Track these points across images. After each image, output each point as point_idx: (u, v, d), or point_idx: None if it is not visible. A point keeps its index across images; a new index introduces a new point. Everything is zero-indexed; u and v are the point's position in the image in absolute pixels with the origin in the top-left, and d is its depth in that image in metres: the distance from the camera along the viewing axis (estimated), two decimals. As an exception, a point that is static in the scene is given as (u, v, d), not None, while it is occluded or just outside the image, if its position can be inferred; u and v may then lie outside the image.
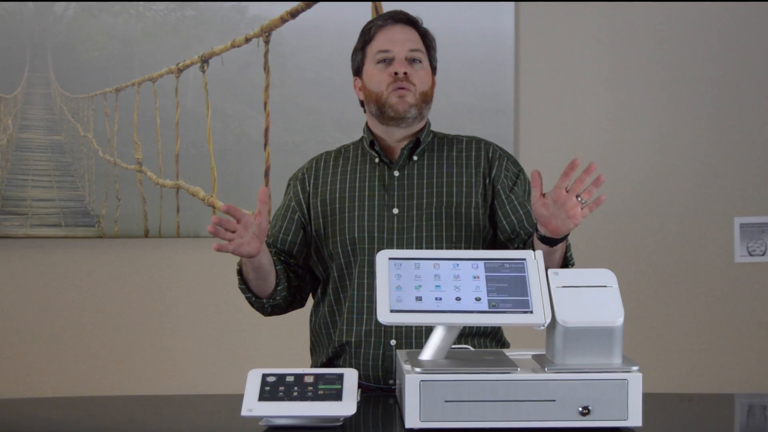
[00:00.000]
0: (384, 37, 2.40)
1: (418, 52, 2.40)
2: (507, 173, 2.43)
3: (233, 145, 3.75)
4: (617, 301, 1.86)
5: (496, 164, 2.43)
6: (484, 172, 2.42)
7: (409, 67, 2.38)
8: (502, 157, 2.46)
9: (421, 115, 2.41)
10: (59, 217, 3.76)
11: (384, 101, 2.38)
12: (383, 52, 2.39)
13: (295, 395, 1.86)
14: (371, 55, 2.41)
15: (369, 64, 2.41)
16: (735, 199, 3.79)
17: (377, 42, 2.40)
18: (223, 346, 3.78)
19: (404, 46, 2.38)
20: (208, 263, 3.78)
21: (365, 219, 2.37)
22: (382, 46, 2.39)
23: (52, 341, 3.79)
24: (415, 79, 2.38)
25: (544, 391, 1.81)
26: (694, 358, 3.79)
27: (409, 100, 2.37)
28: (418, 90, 2.38)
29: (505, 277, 1.88)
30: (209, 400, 2.42)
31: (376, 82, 2.39)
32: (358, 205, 2.39)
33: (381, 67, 2.39)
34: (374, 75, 2.40)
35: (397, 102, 2.37)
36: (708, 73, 3.79)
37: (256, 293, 2.38)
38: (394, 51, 2.38)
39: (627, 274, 3.32)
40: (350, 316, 2.35)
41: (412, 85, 2.37)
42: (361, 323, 2.33)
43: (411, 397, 1.80)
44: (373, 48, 2.41)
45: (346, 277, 2.37)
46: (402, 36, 2.40)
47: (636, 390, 1.81)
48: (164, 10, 3.74)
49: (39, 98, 3.77)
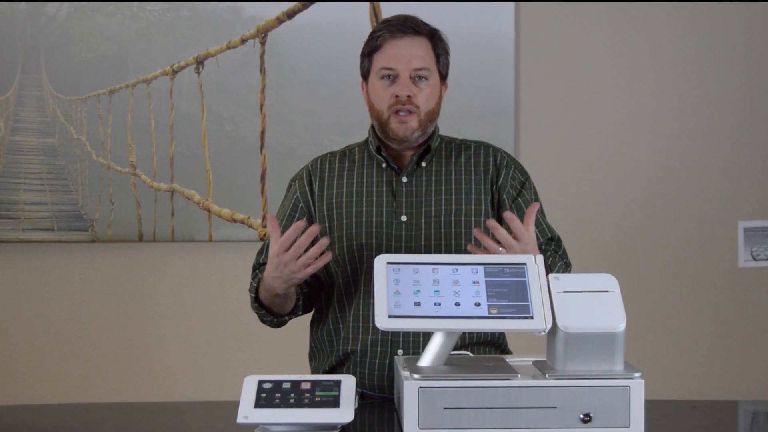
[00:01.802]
0: (390, 51, 2.34)
1: (424, 70, 2.35)
2: (513, 182, 2.42)
3: (229, 148, 3.75)
4: (619, 307, 1.86)
5: (503, 172, 2.42)
6: (492, 180, 2.41)
7: (413, 87, 2.33)
8: (509, 165, 2.44)
9: (426, 133, 2.39)
10: (52, 221, 3.76)
11: (385, 122, 2.36)
12: (387, 69, 2.34)
13: (291, 402, 1.86)
14: (376, 69, 2.37)
15: (374, 76, 2.38)
16: (739, 202, 3.80)
17: (382, 55, 2.35)
18: (218, 352, 3.78)
19: (409, 64, 2.33)
20: (203, 268, 3.78)
21: (373, 225, 2.35)
22: (387, 63, 2.34)
23: (45, 347, 3.79)
24: (420, 99, 2.34)
25: (545, 398, 1.81)
26: (698, 365, 3.79)
27: (411, 125, 2.34)
28: (422, 111, 2.35)
29: (505, 282, 1.88)
30: (204, 407, 2.42)
31: (379, 99, 2.36)
32: (365, 211, 2.37)
33: (384, 84, 2.35)
34: (377, 91, 2.37)
35: (398, 127, 2.34)
36: (712, 75, 3.79)
37: (275, 312, 2.35)
38: (399, 69, 2.33)
39: (629, 278, 3.32)
40: (355, 324, 2.34)
41: (415, 107, 2.34)
42: (367, 332, 2.32)
43: (410, 404, 1.80)
44: (378, 61, 2.36)
45: (351, 285, 2.36)
46: (408, 51, 2.34)
47: (638, 397, 1.81)
48: (159, 11, 3.74)
49: (31, 100, 3.77)
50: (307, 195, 2.44)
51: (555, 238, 2.42)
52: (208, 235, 3.75)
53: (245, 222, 3.73)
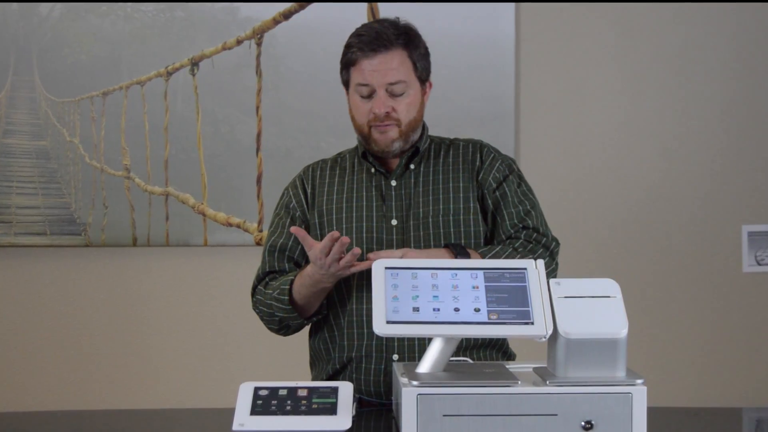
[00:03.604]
0: (364, 67, 2.35)
1: (400, 83, 2.35)
2: (496, 174, 2.42)
3: (224, 151, 3.75)
4: (621, 312, 1.86)
5: (486, 165, 2.43)
6: (477, 174, 2.42)
7: (390, 100, 2.35)
8: (495, 159, 2.45)
9: (408, 142, 2.41)
10: (44, 225, 3.76)
11: (366, 135, 2.39)
12: (363, 85, 2.36)
13: (288, 409, 1.86)
14: (353, 84, 2.39)
15: (352, 90, 2.40)
16: (743, 206, 3.80)
17: (358, 70, 2.36)
18: (213, 358, 3.78)
19: (384, 78, 2.34)
20: (198, 273, 3.78)
21: (363, 231, 2.37)
22: (362, 79, 2.35)
23: (36, 354, 3.78)
24: (400, 111, 2.36)
25: (546, 405, 1.81)
26: (701, 371, 3.79)
27: (391, 136, 2.37)
28: (403, 123, 2.37)
29: (505, 287, 1.88)
30: (199, 415, 2.42)
31: (359, 113, 2.39)
32: (355, 216, 2.39)
33: (362, 100, 2.37)
34: (357, 105, 2.39)
35: (380, 137, 2.37)
36: (715, 77, 3.79)
37: (305, 313, 2.37)
38: (374, 84, 2.34)
39: (631, 283, 3.32)
40: (350, 331, 2.35)
41: (395, 120, 2.36)
42: (362, 338, 2.33)
43: (408, 412, 1.80)
44: (354, 77, 2.37)
45: (344, 292, 2.37)
46: (383, 66, 2.34)
47: (640, 404, 1.81)
48: (153, 11, 3.74)
49: (23, 102, 3.77)
50: (302, 204, 2.47)
51: (531, 227, 2.38)
52: (203, 240, 3.75)
53: (241, 226, 3.73)
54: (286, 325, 2.40)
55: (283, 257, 2.42)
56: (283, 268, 2.41)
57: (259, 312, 2.42)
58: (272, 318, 2.38)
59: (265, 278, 2.42)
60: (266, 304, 2.37)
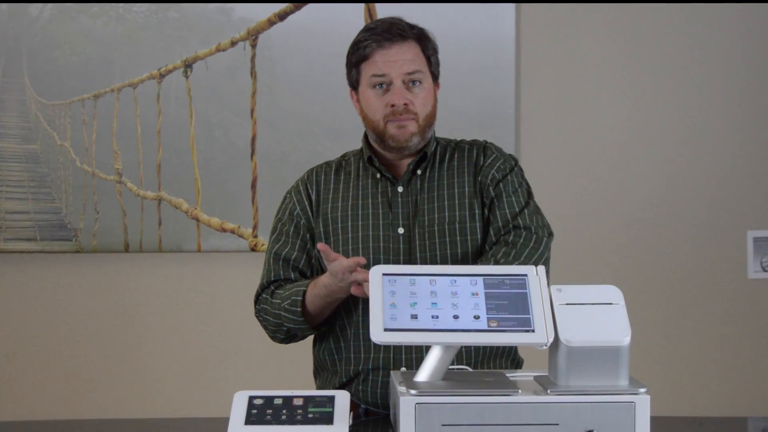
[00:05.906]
0: (379, 58, 2.34)
1: (417, 73, 2.35)
2: (496, 174, 2.40)
3: (218, 155, 3.75)
4: (624, 319, 1.86)
5: (487, 164, 2.41)
6: (478, 175, 2.41)
7: (408, 93, 2.33)
8: (497, 158, 2.43)
9: (425, 138, 2.39)
10: (34, 231, 3.76)
11: (382, 131, 2.35)
12: (379, 76, 2.34)
13: (283, 419, 1.85)
14: (366, 77, 2.36)
15: (364, 86, 2.37)
16: (748, 211, 3.80)
17: (372, 63, 2.34)
18: (207, 366, 3.78)
19: (402, 68, 2.33)
20: (191, 279, 3.77)
21: (370, 240, 2.36)
22: (378, 70, 2.34)
23: (26, 362, 3.78)
24: (417, 104, 2.34)
25: (547, 414, 1.81)
26: (705, 380, 3.79)
27: (410, 130, 2.34)
28: (420, 116, 2.35)
29: (506, 293, 1.88)
30: (193, 424, 2.42)
31: (373, 109, 2.36)
32: (362, 225, 2.38)
33: (377, 93, 2.35)
34: (371, 101, 2.36)
35: (397, 132, 2.34)
36: (718, 79, 3.80)
37: (314, 322, 2.36)
38: (391, 75, 2.33)
39: (634, 290, 3.32)
40: (356, 343, 2.34)
41: (413, 114, 2.34)
42: (369, 351, 2.33)
43: (406, 421, 1.80)
44: (368, 69, 2.35)
45: (351, 303, 2.35)
46: (399, 57, 2.34)
47: (643, 413, 1.81)
48: (145, 12, 3.74)
49: (13, 105, 3.77)
50: (307, 210, 2.44)
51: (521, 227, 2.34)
52: (197, 245, 3.74)
53: (235, 232, 3.73)
54: (293, 335, 2.40)
55: (288, 266, 2.40)
56: (288, 277, 2.40)
57: (264, 321, 2.41)
58: (279, 328, 2.38)
59: (270, 286, 2.41)
60: (273, 314, 2.36)
